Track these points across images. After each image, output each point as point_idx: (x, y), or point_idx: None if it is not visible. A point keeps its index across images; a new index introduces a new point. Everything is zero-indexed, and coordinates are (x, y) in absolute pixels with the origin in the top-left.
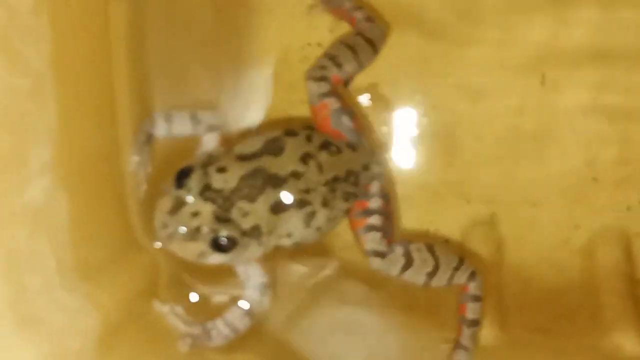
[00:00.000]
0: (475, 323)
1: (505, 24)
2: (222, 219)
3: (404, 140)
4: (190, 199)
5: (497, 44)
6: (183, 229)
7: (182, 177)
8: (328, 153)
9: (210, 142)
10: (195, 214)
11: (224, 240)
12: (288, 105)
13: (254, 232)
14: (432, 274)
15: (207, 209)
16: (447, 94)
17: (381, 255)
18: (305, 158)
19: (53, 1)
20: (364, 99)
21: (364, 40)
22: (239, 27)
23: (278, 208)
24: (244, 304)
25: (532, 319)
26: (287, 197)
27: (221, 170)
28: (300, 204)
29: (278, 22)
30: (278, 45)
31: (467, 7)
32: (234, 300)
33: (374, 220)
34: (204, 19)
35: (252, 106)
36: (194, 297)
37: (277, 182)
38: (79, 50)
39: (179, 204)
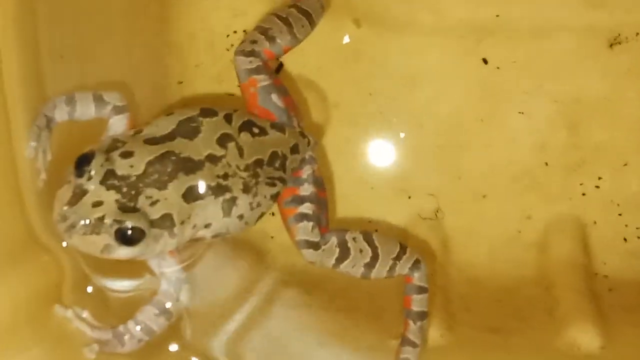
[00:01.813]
0: (423, 316)
1: (439, 3)
2: (127, 208)
3: (336, 131)
4: (91, 187)
5: (433, 25)
6: (83, 221)
7: (82, 164)
8: (250, 135)
9: (117, 125)
10: (97, 204)
11: (129, 232)
12: (214, 97)
13: (165, 222)
14: (370, 265)
15: (110, 198)
16: (383, 80)
17: (314, 246)
18: (223, 140)
19: None
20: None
21: (299, 12)
22: (157, 14)
23: (192, 195)
24: (158, 303)
25: (483, 318)
26: (201, 183)
27: (126, 155)
28: (217, 190)
29: (199, 9)
30: (200, 33)
31: None
32: (148, 299)
33: (305, 208)
34: (113, 5)
35: (171, 100)
36: (103, 296)
37: (191, 167)
38: None
39: (80, 194)
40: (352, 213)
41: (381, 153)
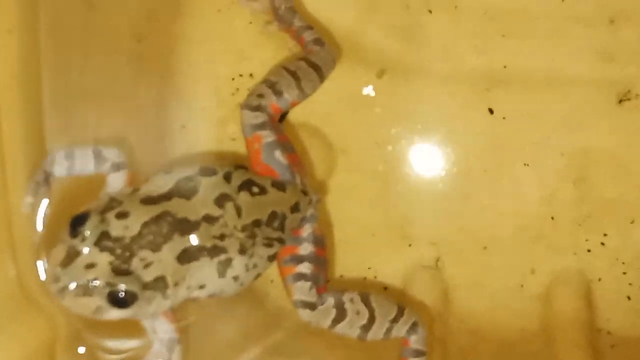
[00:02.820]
0: None
1: (450, 53)
2: (120, 271)
3: (341, 178)
4: (85, 248)
5: (443, 75)
6: (75, 284)
7: (76, 224)
8: (249, 194)
9: (115, 182)
10: (90, 266)
11: (121, 295)
12: (217, 142)
13: (158, 285)
14: (367, 327)
15: (104, 260)
16: (390, 128)
17: (310, 306)
18: (221, 200)
19: None
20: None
21: (309, 66)
22: (163, 58)
23: (187, 257)
24: None
25: None
26: (197, 244)
27: (122, 215)
28: (213, 251)
29: (206, 52)
30: (206, 77)
31: (410, 35)
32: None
33: (304, 268)
34: (122, 49)
35: (174, 144)
36: (97, 356)
37: (187, 228)
38: None
39: (73, 255)
40: (353, 259)
41: (384, 200)
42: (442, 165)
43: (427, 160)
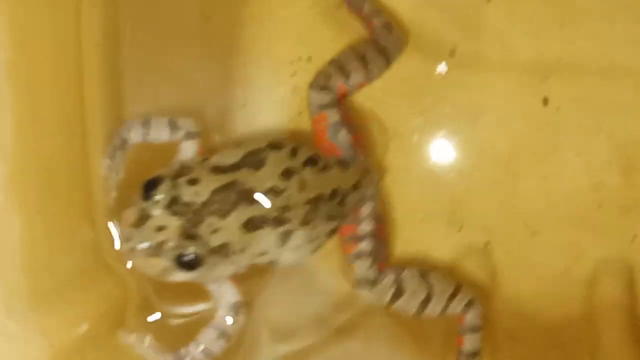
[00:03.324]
0: (474, 355)
1: (507, 41)
2: (188, 234)
3: (394, 161)
4: (156, 212)
5: (500, 62)
6: (145, 244)
7: (149, 188)
8: (313, 170)
9: (188, 151)
10: (161, 228)
11: (189, 258)
12: (275, 121)
13: (223, 250)
14: (424, 304)
15: (174, 224)
16: (445, 114)
17: (371, 283)
18: (286, 174)
19: (12, 3)
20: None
21: (377, 50)
22: (227, 39)
23: (251, 225)
24: (217, 325)
25: (525, 354)
26: (262, 214)
27: (193, 182)
28: (276, 222)
29: (268, 35)
30: (266, 58)
31: (468, 23)
32: (207, 322)
33: (364, 245)
34: (191, 28)
35: (235, 121)
36: (165, 321)
37: (253, 198)
38: (41, 57)
39: (144, 217)
40: (402, 240)
41: (437, 184)
42: (493, 152)
43: (478, 146)
